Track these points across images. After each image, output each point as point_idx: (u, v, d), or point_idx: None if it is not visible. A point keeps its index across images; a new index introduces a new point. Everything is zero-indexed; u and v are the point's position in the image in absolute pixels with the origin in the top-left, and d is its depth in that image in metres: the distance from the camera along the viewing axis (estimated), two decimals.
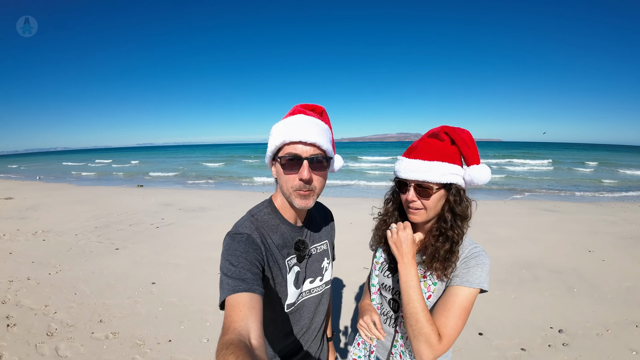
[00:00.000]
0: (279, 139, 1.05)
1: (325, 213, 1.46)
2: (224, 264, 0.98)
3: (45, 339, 3.35)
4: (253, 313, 0.85)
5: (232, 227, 1.12)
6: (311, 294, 1.27)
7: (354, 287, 4.59)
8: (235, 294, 0.89)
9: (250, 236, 1.06)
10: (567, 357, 3.12)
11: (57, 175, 26.23)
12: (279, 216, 1.18)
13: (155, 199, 11.99)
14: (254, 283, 0.94)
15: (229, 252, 1.00)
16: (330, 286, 1.39)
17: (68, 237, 6.95)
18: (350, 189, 15.72)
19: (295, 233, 1.21)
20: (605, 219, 8.50)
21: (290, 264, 1.17)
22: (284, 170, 1.06)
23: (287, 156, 1.04)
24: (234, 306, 0.86)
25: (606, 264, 5.36)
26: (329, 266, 1.35)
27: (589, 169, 26.12)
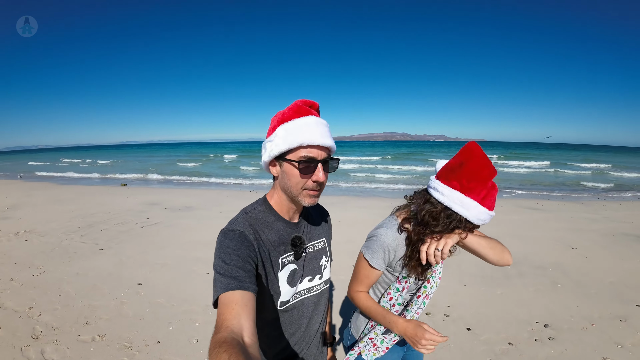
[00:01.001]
0: (294, 141, 1.04)
1: (322, 212, 1.44)
2: (217, 262, 0.98)
3: (31, 342, 3.27)
4: (245, 311, 0.85)
5: (225, 225, 1.11)
6: (310, 292, 1.26)
7: (343, 285, 4.60)
8: (228, 292, 0.89)
9: (242, 233, 1.05)
10: (553, 351, 3.18)
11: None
12: (274, 213, 1.17)
13: (139, 198, 11.80)
14: (246, 280, 0.94)
15: (221, 250, 1.00)
16: (329, 286, 1.37)
17: (51, 237, 6.79)
18: (337, 188, 15.75)
19: (292, 230, 1.20)
20: (587, 217, 8.70)
21: (286, 261, 1.16)
22: (300, 173, 1.06)
23: (304, 159, 1.05)
24: (226, 304, 0.86)
25: (589, 261, 5.49)
26: (327, 264, 1.33)
27: (572, 168, 26.68)
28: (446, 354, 3.16)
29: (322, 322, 1.36)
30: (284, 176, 1.11)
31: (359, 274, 1.49)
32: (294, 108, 1.11)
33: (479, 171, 1.20)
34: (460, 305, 4.04)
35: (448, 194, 1.23)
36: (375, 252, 1.40)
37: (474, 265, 5.16)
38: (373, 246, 1.41)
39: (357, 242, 6.29)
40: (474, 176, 1.20)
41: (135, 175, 22.24)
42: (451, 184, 1.23)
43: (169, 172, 24.20)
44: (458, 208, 1.22)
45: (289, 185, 1.10)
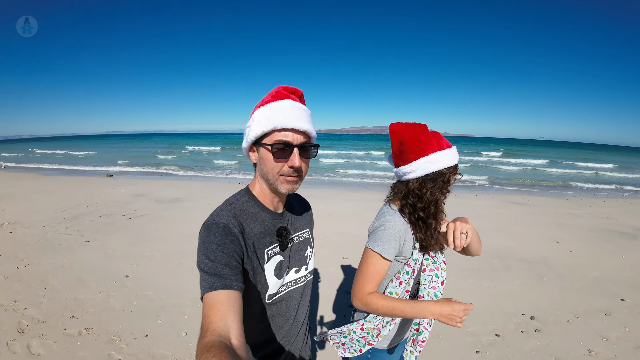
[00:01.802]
0: (267, 125, 1.02)
1: (304, 203, 1.42)
2: (201, 258, 0.94)
3: (17, 336, 3.21)
4: (232, 311, 0.83)
5: (207, 218, 1.06)
6: (297, 284, 1.24)
7: (332, 278, 4.63)
8: (213, 291, 0.86)
9: (226, 226, 1.00)
10: (539, 343, 3.25)
11: None
12: (258, 204, 1.13)
13: (126, 189, 11.61)
14: (232, 278, 0.90)
15: (205, 245, 0.96)
16: (313, 277, 1.36)
17: (35, 229, 6.65)
18: (326, 181, 15.76)
19: (277, 220, 1.17)
20: (572, 213, 8.87)
21: (272, 253, 1.13)
22: (274, 157, 1.03)
23: (279, 143, 1.02)
24: (211, 305, 0.83)
25: (574, 255, 5.60)
26: (312, 255, 1.32)
27: (557, 165, 27.15)
28: (435, 344, 3.20)
29: (307, 313, 1.36)
30: (261, 162, 1.08)
31: (368, 271, 1.39)
32: (272, 93, 1.09)
33: (415, 134, 1.35)
34: (448, 296, 4.08)
35: (416, 166, 1.34)
36: (386, 242, 1.35)
37: (462, 259, 5.21)
38: (383, 237, 1.36)
39: (346, 234, 6.32)
40: (416, 140, 1.35)
41: (114, 168, 21.81)
42: (410, 159, 1.35)
43: (155, 163, 23.94)
44: (432, 167, 1.34)
45: (265, 171, 1.07)
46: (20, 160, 28.34)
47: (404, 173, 1.38)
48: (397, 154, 1.41)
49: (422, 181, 1.36)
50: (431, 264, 1.44)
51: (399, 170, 1.41)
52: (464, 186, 14.45)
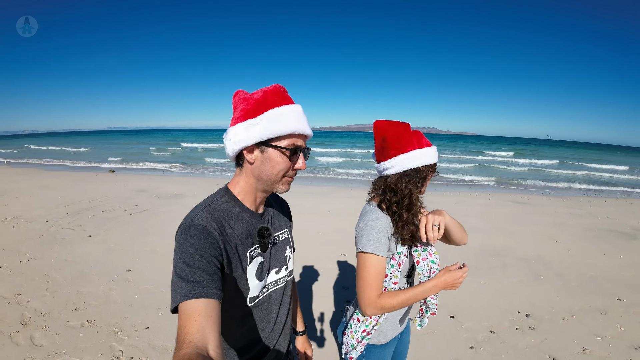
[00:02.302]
0: (287, 128, 1.02)
1: (282, 203, 1.40)
2: (178, 262, 0.88)
3: (20, 328, 3.28)
4: (210, 322, 0.78)
5: (184, 218, 1.01)
6: (277, 285, 1.22)
7: (331, 273, 4.69)
8: (190, 300, 0.81)
9: (205, 228, 0.96)
10: (534, 340, 3.28)
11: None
12: (238, 204, 1.11)
13: (128, 184, 11.69)
14: (210, 286, 0.85)
15: (182, 249, 0.91)
16: (293, 276, 1.36)
17: (38, 223, 6.74)
18: (328, 178, 15.80)
19: (257, 221, 1.15)
20: (571, 212, 8.88)
21: (253, 254, 1.10)
22: (288, 159, 1.05)
23: (291, 147, 1.04)
24: (188, 315, 0.79)
25: (571, 254, 5.63)
26: (291, 254, 1.31)
27: (560, 164, 27.09)
28: (429, 339, 3.26)
29: (289, 312, 1.33)
30: (264, 162, 1.06)
31: (370, 275, 1.37)
32: (278, 93, 1.07)
33: (397, 132, 1.41)
34: (445, 294, 4.12)
35: (395, 162, 1.40)
36: (376, 240, 1.37)
37: (459, 257, 5.26)
38: (372, 236, 1.37)
39: (346, 231, 6.37)
40: (397, 137, 1.40)
41: (106, 165, 21.92)
42: (391, 155, 1.41)
43: (153, 160, 24.01)
44: (410, 163, 1.39)
45: (270, 172, 1.06)
46: (22, 155, 28.38)
47: (384, 168, 1.44)
48: (379, 150, 1.46)
49: (400, 176, 1.41)
50: (422, 254, 1.48)
51: (379, 165, 1.47)
52: (465, 184, 14.49)
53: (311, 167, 20.23)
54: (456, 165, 23.62)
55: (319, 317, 3.68)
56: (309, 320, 3.58)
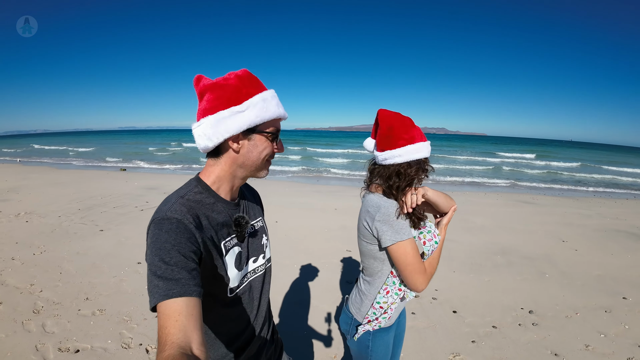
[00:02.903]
0: (271, 113, 1.03)
1: (253, 192, 1.40)
2: (153, 259, 0.84)
3: (32, 316, 3.39)
4: (191, 321, 0.76)
5: (155, 212, 0.95)
6: (256, 273, 1.21)
7: (336, 269, 4.75)
8: (169, 299, 0.78)
9: (181, 221, 0.90)
10: (536, 336, 3.30)
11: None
12: (212, 194, 1.07)
13: (138, 182, 11.89)
14: (190, 283, 0.81)
15: (157, 245, 0.85)
16: (271, 264, 1.35)
17: (51, 218, 6.90)
18: (335, 178, 15.87)
19: (233, 210, 1.12)
20: (580, 212, 8.81)
21: (230, 244, 1.08)
22: (272, 144, 1.08)
23: (274, 131, 1.07)
24: (168, 315, 0.76)
25: (578, 254, 5.61)
26: (268, 242, 1.30)
27: (570, 164, 26.76)
28: (431, 333, 3.30)
29: (268, 299, 1.34)
30: (251, 149, 1.05)
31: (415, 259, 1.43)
32: (253, 78, 1.06)
33: (404, 123, 1.47)
34: (448, 289, 4.16)
35: (404, 152, 1.45)
36: (404, 226, 1.43)
37: (464, 254, 5.30)
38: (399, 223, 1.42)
39: (351, 228, 6.42)
40: (405, 128, 1.46)
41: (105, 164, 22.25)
42: (399, 145, 1.45)
43: (161, 160, 24.29)
44: (417, 154, 1.46)
45: (256, 159, 1.07)
46: (34, 153, 28.96)
47: (391, 156, 1.46)
48: (384, 138, 1.48)
49: (407, 165, 1.47)
50: (427, 235, 1.55)
51: (383, 153, 1.49)
52: (474, 185, 14.43)
53: (319, 167, 20.32)
54: (464, 166, 23.46)
55: (324, 312, 3.72)
56: (314, 315, 3.63)
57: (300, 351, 3.05)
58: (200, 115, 1.02)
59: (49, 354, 2.86)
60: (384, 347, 1.64)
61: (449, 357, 2.99)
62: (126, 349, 2.94)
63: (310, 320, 3.53)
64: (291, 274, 4.55)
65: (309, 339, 3.22)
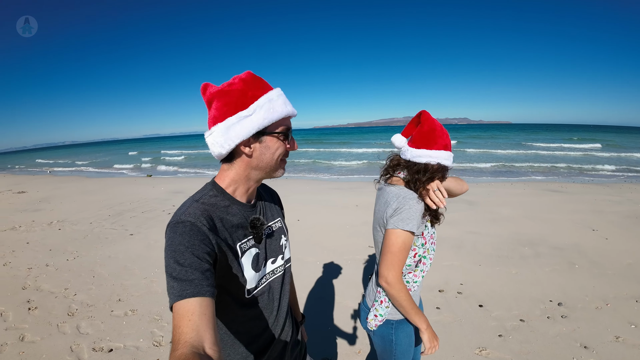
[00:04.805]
0: (279, 113, 1.02)
1: (271, 192, 1.39)
2: (168, 262, 0.87)
3: (67, 319, 3.55)
4: (204, 320, 0.78)
5: (172, 216, 0.98)
6: (275, 274, 1.21)
7: (359, 265, 4.77)
8: (183, 300, 0.80)
9: (194, 224, 0.92)
10: (565, 329, 3.23)
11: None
12: (227, 197, 1.07)
13: (165, 187, 12.21)
14: (203, 284, 0.84)
15: (172, 248, 0.88)
16: (291, 264, 1.34)
17: (83, 225, 7.18)
18: (356, 173, 15.84)
19: (249, 212, 1.12)
20: (610, 199, 8.52)
21: (246, 246, 1.08)
22: (285, 143, 1.07)
23: (285, 130, 1.06)
24: (182, 315, 0.78)
25: (609, 242, 5.44)
26: (287, 243, 1.29)
27: (599, 150, 25.80)
28: (457, 328, 3.27)
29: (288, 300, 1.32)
30: (264, 151, 1.05)
31: (401, 252, 1.48)
32: (257, 79, 1.05)
33: (444, 131, 1.54)
34: (474, 283, 4.11)
35: (436, 155, 1.50)
36: (414, 220, 1.45)
37: (490, 247, 5.22)
38: (410, 215, 1.45)
39: (371, 224, 6.43)
40: (444, 135, 1.53)
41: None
42: (436, 147, 1.51)
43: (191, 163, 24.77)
44: (445, 162, 1.52)
45: (269, 160, 1.06)
46: (64, 164, 30.03)
47: (425, 155, 1.52)
48: (423, 136, 1.54)
49: (437, 166, 1.52)
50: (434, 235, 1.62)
51: (418, 150, 1.54)
52: (499, 173, 14.10)
53: (338, 164, 20.31)
54: (484, 156, 22.96)
55: (348, 308, 3.73)
56: (338, 311, 3.66)
57: (324, 346, 3.08)
58: (210, 123, 1.03)
59: (83, 354, 2.99)
60: (408, 339, 1.66)
61: (475, 351, 2.96)
62: (157, 347, 3.05)
63: (335, 316, 3.56)
64: (314, 271, 4.60)
65: (333, 335, 3.25)
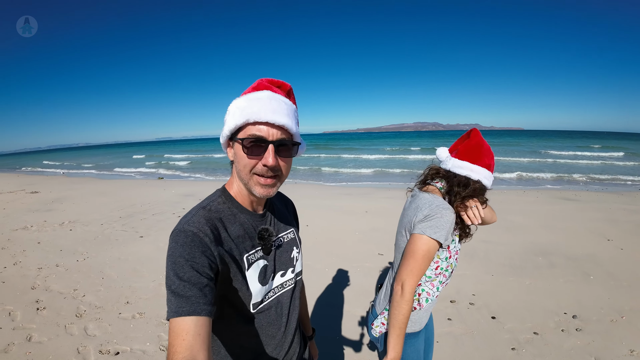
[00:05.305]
0: (240, 117, 0.93)
1: (285, 201, 1.33)
2: (168, 273, 0.85)
3: (75, 320, 3.55)
4: (198, 340, 0.77)
5: (177, 223, 0.94)
6: (284, 288, 1.14)
7: (369, 272, 4.71)
8: (179, 317, 0.79)
9: (196, 235, 0.88)
10: (579, 342, 3.14)
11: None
12: (235, 204, 1.03)
13: (175, 190, 12.28)
14: (200, 302, 0.82)
15: (172, 259, 0.85)
16: (302, 277, 1.28)
17: (94, 226, 7.24)
18: (366, 179, 15.79)
19: (257, 222, 1.07)
20: (626, 208, 8.33)
21: (254, 257, 1.03)
22: (246, 154, 0.94)
23: (251, 138, 0.93)
24: (177, 333, 0.77)
25: (624, 252, 5.30)
26: (299, 256, 1.22)
27: (614, 158, 25.33)
28: (468, 340, 3.20)
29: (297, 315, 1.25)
30: (236, 159, 0.99)
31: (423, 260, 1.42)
32: (253, 84, 1.01)
33: (491, 152, 1.54)
34: (486, 294, 4.03)
35: (479, 171, 1.50)
36: (444, 230, 1.40)
37: (503, 256, 5.12)
38: (441, 224, 1.40)
39: (382, 230, 6.36)
40: (490, 156, 1.54)
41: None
42: (480, 163, 1.51)
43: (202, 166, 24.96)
44: (485, 181, 1.52)
45: (239, 170, 0.98)
46: (77, 166, 30.51)
47: (468, 168, 1.51)
48: (470, 150, 1.53)
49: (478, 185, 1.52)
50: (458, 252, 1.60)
51: (462, 162, 1.53)
52: (511, 182, 13.93)
53: (349, 169, 20.26)
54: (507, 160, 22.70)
55: (357, 316, 3.69)
56: (346, 320, 3.61)
57: (332, 355, 3.04)
58: None
59: (89, 356, 2.99)
60: (415, 353, 1.62)
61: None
62: (164, 352, 3.03)
63: (343, 325, 3.51)
64: (323, 278, 4.55)
65: (341, 344, 3.21)
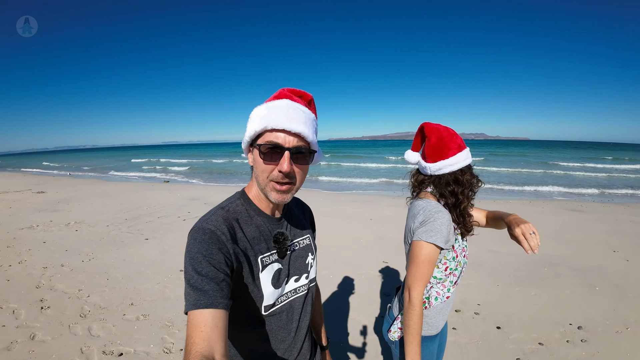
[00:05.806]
0: (259, 124, 0.96)
1: (303, 208, 1.34)
2: (187, 268, 0.88)
3: (79, 320, 3.57)
4: (216, 332, 0.79)
5: (196, 222, 0.99)
6: (297, 293, 1.15)
7: (373, 280, 4.70)
8: (197, 310, 0.82)
9: (214, 232, 0.92)
10: (584, 353, 3.12)
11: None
12: (253, 207, 1.07)
13: (181, 193, 12.35)
14: (217, 295, 0.84)
15: (190, 255, 0.89)
16: (316, 284, 1.29)
17: (100, 228, 7.29)
18: (371, 187, 15.78)
19: (274, 225, 1.10)
20: (632, 220, 8.28)
21: (268, 260, 1.05)
22: (262, 160, 0.96)
23: (268, 144, 0.95)
24: (195, 325, 0.80)
25: (630, 264, 5.26)
26: (313, 262, 1.23)
27: (619, 170, 25.14)
28: (473, 350, 3.18)
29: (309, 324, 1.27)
30: (255, 165, 1.02)
31: (425, 265, 1.43)
32: (275, 93, 1.04)
33: (451, 133, 1.54)
34: (492, 304, 4.01)
35: (456, 160, 1.50)
36: (439, 232, 1.41)
37: (509, 266, 5.09)
38: (435, 227, 1.41)
39: (387, 238, 6.34)
40: (453, 138, 1.53)
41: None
42: (450, 155, 1.51)
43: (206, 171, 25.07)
44: (466, 161, 1.53)
45: (257, 175, 1.01)
46: (84, 168, 30.78)
47: (445, 166, 1.51)
48: (434, 149, 1.53)
49: (461, 172, 1.52)
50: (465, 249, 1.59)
51: (436, 164, 1.53)
52: (513, 193, 13.85)
53: (353, 178, 20.28)
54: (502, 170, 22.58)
55: (361, 324, 3.68)
56: (351, 327, 3.61)
57: None
58: None
59: (93, 356, 3.00)
60: (430, 357, 1.63)
61: None
62: (167, 354, 3.04)
63: (348, 332, 3.50)
64: (327, 284, 4.55)
65: (345, 351, 3.20)
